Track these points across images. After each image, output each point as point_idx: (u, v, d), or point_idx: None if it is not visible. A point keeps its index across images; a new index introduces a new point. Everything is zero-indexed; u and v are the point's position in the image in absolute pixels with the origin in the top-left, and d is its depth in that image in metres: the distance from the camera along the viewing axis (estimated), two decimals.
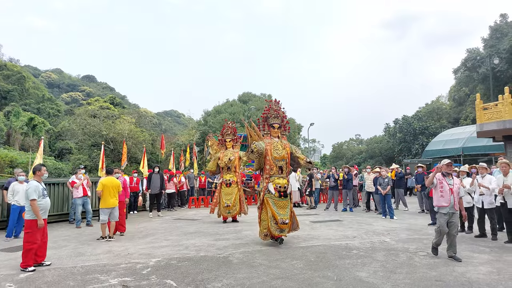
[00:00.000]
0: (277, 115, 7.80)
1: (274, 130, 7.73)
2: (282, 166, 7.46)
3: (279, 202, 7.21)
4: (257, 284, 4.90)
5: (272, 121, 7.76)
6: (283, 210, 7.17)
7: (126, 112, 40.91)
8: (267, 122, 7.85)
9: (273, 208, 7.15)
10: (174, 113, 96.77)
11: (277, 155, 7.43)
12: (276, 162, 7.41)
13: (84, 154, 30.88)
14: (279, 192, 7.21)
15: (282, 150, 7.50)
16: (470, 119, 32.20)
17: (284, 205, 7.23)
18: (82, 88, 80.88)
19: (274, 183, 7.27)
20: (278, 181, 7.28)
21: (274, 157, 7.40)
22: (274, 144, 7.54)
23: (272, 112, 7.81)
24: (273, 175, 7.41)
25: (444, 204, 6.13)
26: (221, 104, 44.32)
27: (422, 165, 13.16)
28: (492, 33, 33.60)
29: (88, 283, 5.00)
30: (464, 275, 5.18)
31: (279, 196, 7.20)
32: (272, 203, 7.20)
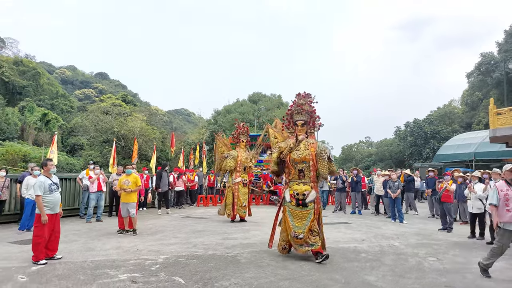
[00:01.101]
0: (301, 111, 6.79)
1: (298, 127, 6.77)
2: (303, 169, 6.44)
3: (296, 212, 6.27)
4: (264, 284, 4.91)
5: (296, 117, 6.83)
6: (300, 222, 6.18)
7: (137, 109, 41.34)
8: (292, 119, 6.95)
9: (288, 219, 6.33)
10: (184, 112, 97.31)
11: (296, 156, 6.46)
12: (295, 165, 6.48)
13: (95, 150, 31.25)
14: (296, 200, 6.26)
15: (304, 151, 6.45)
16: (483, 124, 31.70)
17: (302, 216, 6.20)
18: (95, 85, 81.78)
19: (292, 190, 6.39)
20: (297, 187, 6.34)
21: (293, 159, 6.48)
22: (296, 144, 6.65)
23: (294, 107, 6.87)
24: (292, 179, 6.54)
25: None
26: (231, 103, 44.51)
27: (434, 169, 13.02)
28: (507, 37, 33.06)
29: (97, 277, 5.07)
30: (474, 282, 5.12)
31: (296, 205, 6.26)
32: (289, 212, 6.36)
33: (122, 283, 4.86)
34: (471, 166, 24.65)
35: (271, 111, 40.80)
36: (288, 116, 6.99)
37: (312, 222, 6.19)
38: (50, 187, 6.03)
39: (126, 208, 8.40)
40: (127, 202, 8.44)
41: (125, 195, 8.44)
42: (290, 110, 6.92)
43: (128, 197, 8.47)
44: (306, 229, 6.09)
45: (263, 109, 39.86)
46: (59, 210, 6.21)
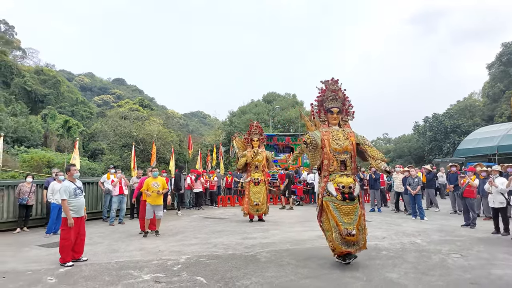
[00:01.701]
0: (336, 97, 6.22)
1: (333, 115, 6.15)
2: (345, 160, 5.88)
3: (343, 207, 5.62)
4: (285, 282, 4.94)
5: (330, 104, 6.20)
6: (348, 218, 5.57)
7: (154, 113, 41.96)
8: (323, 106, 6.30)
9: (335, 215, 5.60)
10: (200, 114, 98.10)
11: (338, 146, 5.89)
12: (336, 155, 5.88)
13: (115, 154, 31.91)
14: (342, 194, 5.65)
15: (344, 141, 5.94)
16: (506, 116, 30.78)
17: (350, 211, 5.61)
18: (112, 91, 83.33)
19: (335, 182, 5.75)
20: (341, 180, 5.74)
21: (334, 149, 5.88)
22: (334, 133, 6.01)
23: (329, 93, 6.23)
24: (333, 172, 5.88)
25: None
26: (246, 104, 44.57)
27: (456, 164, 12.74)
28: None
29: (122, 278, 5.21)
30: (501, 278, 5.01)
31: (342, 199, 5.64)
32: (334, 208, 5.65)
33: (146, 283, 4.98)
34: (494, 160, 23.96)
35: (286, 110, 40.69)
36: (318, 103, 6.36)
37: (360, 218, 5.70)
38: (75, 191, 6.22)
39: (152, 210, 8.54)
40: (155, 204, 8.55)
41: (154, 197, 8.53)
42: (321, 97, 6.30)
43: (157, 200, 8.59)
44: (356, 225, 5.57)
45: (278, 108, 39.78)
46: (84, 214, 6.39)
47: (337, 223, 5.54)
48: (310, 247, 7.14)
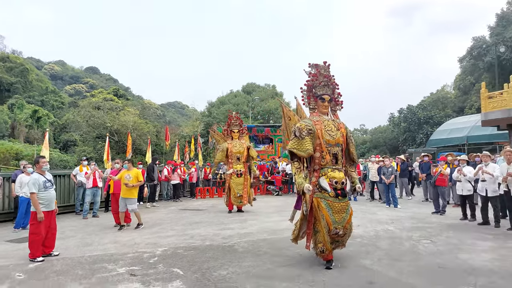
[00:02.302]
0: (328, 83, 5.55)
1: (324, 103, 5.48)
2: (337, 153, 5.32)
3: (336, 204, 5.12)
4: (262, 271, 4.98)
5: (321, 91, 5.52)
6: (339, 216, 5.12)
7: (130, 103, 41.01)
8: (312, 93, 5.60)
9: (327, 213, 5.07)
10: (178, 105, 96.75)
11: (330, 138, 5.29)
12: (329, 147, 5.27)
13: (89, 146, 31.07)
14: (335, 190, 5.13)
15: (336, 132, 5.36)
16: (475, 108, 31.95)
17: (342, 209, 5.14)
18: (85, 80, 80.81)
19: (328, 177, 5.19)
20: (333, 175, 5.18)
21: (327, 141, 5.26)
22: (325, 123, 5.37)
23: (321, 78, 5.52)
24: (325, 166, 5.27)
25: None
26: (225, 95, 44.32)
27: (428, 154, 13.14)
28: (499, 20, 33.15)
29: (96, 272, 5.10)
30: (467, 262, 5.23)
31: (335, 196, 5.12)
32: (326, 205, 5.09)
33: (120, 276, 4.90)
34: (463, 150, 24.89)
35: (265, 101, 40.73)
36: (308, 88, 5.63)
37: (350, 217, 5.27)
38: (45, 184, 5.99)
39: (124, 203, 8.28)
40: (127, 197, 8.28)
41: (126, 190, 8.27)
42: (311, 82, 5.56)
43: (129, 192, 8.30)
44: (345, 224, 5.16)
45: (257, 99, 39.75)
46: (55, 207, 6.19)
47: (329, 222, 5.05)
48: (287, 236, 7.15)
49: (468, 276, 4.64)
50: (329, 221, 5.06)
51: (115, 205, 8.66)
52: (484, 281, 4.44)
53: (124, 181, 8.34)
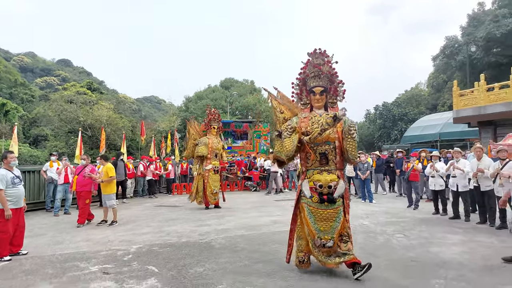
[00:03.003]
0: (319, 73, 4.83)
1: (315, 97, 4.85)
2: (326, 152, 4.66)
3: (320, 211, 4.52)
4: (239, 268, 4.95)
5: (312, 83, 4.87)
6: (326, 224, 4.49)
7: (104, 97, 39.88)
8: (305, 86, 5.01)
9: (309, 221, 4.57)
10: (154, 99, 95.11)
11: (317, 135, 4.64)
12: (315, 147, 4.68)
13: (60, 141, 30.07)
14: (319, 195, 4.53)
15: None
16: (447, 106, 32.97)
17: (328, 217, 4.50)
18: (57, 72, 78.09)
19: (312, 181, 4.64)
20: (318, 178, 4.58)
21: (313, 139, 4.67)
22: (314, 119, 4.79)
23: (311, 69, 4.86)
24: (310, 167, 4.73)
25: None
26: (203, 90, 43.92)
27: (402, 150, 13.46)
28: (470, 21, 34.22)
29: (67, 270, 4.94)
30: (438, 255, 5.38)
31: (319, 202, 4.53)
32: (309, 212, 4.59)
33: (93, 274, 4.76)
34: (436, 146, 25.68)
35: (243, 96, 40.62)
36: (299, 81, 5.05)
37: (343, 224, 4.63)
38: (13, 180, 5.75)
39: (104, 200, 8.47)
40: (104, 193, 8.49)
41: (102, 186, 8.46)
42: (303, 74, 4.97)
43: (104, 188, 8.40)
44: (336, 234, 4.52)
45: (235, 95, 39.61)
46: (23, 204, 5.95)
47: (311, 231, 4.54)
48: (265, 232, 7.22)
49: (439, 269, 4.77)
50: (311, 229, 4.52)
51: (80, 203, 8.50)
52: (454, 274, 4.58)
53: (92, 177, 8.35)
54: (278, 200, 12.43)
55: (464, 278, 4.40)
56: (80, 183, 8.47)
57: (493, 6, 33.45)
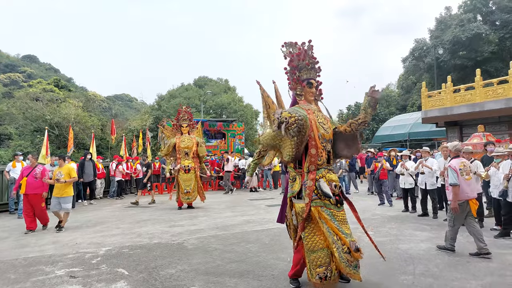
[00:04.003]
0: (314, 66, 4.51)
1: (311, 90, 4.48)
2: (330, 151, 4.37)
3: (337, 213, 4.10)
4: (212, 268, 4.90)
5: (307, 74, 4.48)
6: (346, 227, 4.08)
7: (72, 95, 38.42)
8: (297, 76, 4.52)
9: (333, 224, 3.95)
10: (125, 97, 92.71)
11: (325, 132, 4.28)
12: (324, 143, 4.25)
13: (26, 140, 28.74)
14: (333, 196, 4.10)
15: (327, 125, 4.41)
16: (416, 106, 34.07)
17: (343, 219, 4.15)
18: (22, 69, 74.77)
19: (327, 180, 4.15)
20: (331, 177, 4.20)
21: (322, 135, 4.23)
22: (316, 113, 4.38)
23: (308, 59, 4.44)
24: (321, 166, 4.21)
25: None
26: (176, 88, 43.28)
27: (372, 150, 13.78)
28: (438, 24, 35.50)
29: (31, 275, 4.73)
30: (406, 252, 5.53)
31: (335, 204, 4.13)
32: (330, 215, 4.01)
33: (59, 279, 4.58)
34: (406, 145, 26.50)
35: (218, 95, 40.36)
36: (293, 70, 4.53)
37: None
38: None
39: (57, 202, 7.71)
40: (60, 196, 7.72)
41: (59, 188, 7.73)
42: (296, 62, 4.48)
43: (62, 191, 7.74)
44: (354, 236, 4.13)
45: (209, 93, 39.27)
46: None
47: (340, 236, 3.91)
48: (238, 232, 7.19)
49: (407, 265, 4.90)
50: (340, 234, 3.90)
51: (27, 207, 7.72)
52: (421, 269, 4.72)
53: (54, 178, 7.77)
54: (252, 200, 12.43)
55: (431, 273, 4.54)
56: (31, 186, 7.67)
57: (459, 10, 34.85)
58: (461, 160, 5.65)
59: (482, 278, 4.34)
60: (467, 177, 5.48)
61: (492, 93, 16.27)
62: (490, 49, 30.67)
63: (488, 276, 4.42)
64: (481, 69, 18.85)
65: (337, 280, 4.02)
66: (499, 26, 31.77)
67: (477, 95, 16.70)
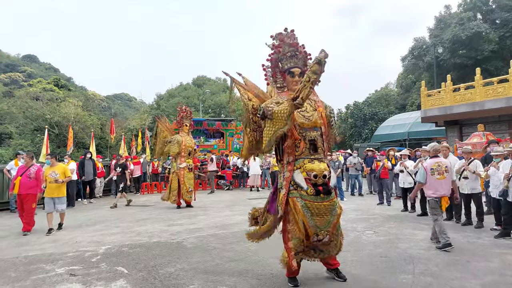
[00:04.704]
0: (296, 53, 4.44)
1: (294, 79, 4.38)
2: (315, 139, 4.24)
3: (316, 204, 4.02)
4: (210, 267, 4.91)
5: (288, 63, 4.43)
6: (322, 219, 4.04)
7: (72, 95, 38.43)
8: (279, 68, 4.55)
9: (304, 216, 4.01)
10: (125, 97, 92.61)
11: (305, 120, 4.23)
12: (304, 132, 4.22)
13: (26, 139, 28.76)
14: (315, 186, 4.04)
15: (312, 113, 4.30)
16: (416, 105, 34.02)
17: (325, 210, 4.06)
18: (22, 68, 74.74)
19: (304, 170, 4.12)
20: (312, 167, 4.11)
21: (301, 124, 4.21)
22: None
23: (286, 48, 4.43)
24: (300, 156, 4.21)
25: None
26: (175, 87, 43.33)
27: (372, 149, 13.78)
28: (437, 23, 35.45)
29: (32, 273, 4.76)
30: (406, 251, 5.54)
31: (315, 194, 4.02)
32: (304, 206, 4.01)
33: (59, 277, 4.60)
34: (405, 145, 26.46)
35: (216, 95, 40.37)
36: (272, 63, 4.57)
37: (338, 219, 4.31)
38: None
39: (52, 203, 7.49)
40: (55, 196, 7.49)
41: (54, 188, 7.45)
42: (275, 54, 4.51)
43: (58, 191, 7.51)
44: (332, 228, 4.16)
45: (208, 92, 39.30)
46: None
47: (308, 227, 4.01)
48: (237, 231, 7.19)
49: (407, 264, 4.91)
50: (308, 225, 4.00)
51: (20, 208, 7.58)
52: (421, 268, 4.73)
53: (49, 179, 7.47)
54: (251, 199, 12.43)
55: (431, 273, 4.55)
56: (24, 186, 7.43)
57: (458, 9, 34.79)
58: (436, 160, 5.89)
59: (482, 278, 4.35)
60: (438, 176, 5.73)
61: (492, 92, 16.26)
62: (490, 47, 30.61)
63: (488, 275, 4.43)
64: (481, 68, 18.82)
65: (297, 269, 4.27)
66: (499, 24, 31.72)
67: (477, 94, 16.69)
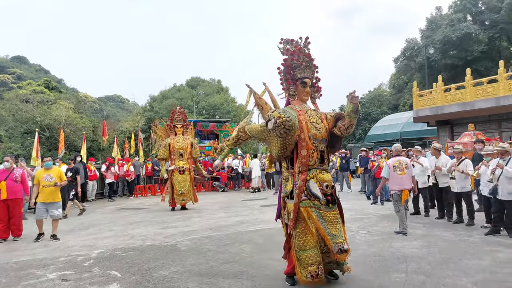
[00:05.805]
0: (309, 64, 4.51)
1: (305, 89, 4.47)
2: (323, 151, 4.35)
3: (328, 213, 4.08)
4: (205, 269, 4.88)
5: (302, 73, 4.45)
6: (335, 227, 4.06)
7: (63, 97, 38.00)
8: (291, 75, 4.49)
9: (320, 225, 4.01)
10: (117, 98, 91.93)
11: (317, 132, 4.27)
12: (316, 143, 4.25)
13: (16, 142, 28.34)
14: (325, 196, 4.13)
15: (321, 125, 4.36)
16: (408, 105, 34.30)
17: (334, 219, 4.12)
18: (11, 70, 73.77)
19: (318, 180, 4.17)
20: (323, 177, 4.20)
21: (314, 135, 4.24)
22: (309, 113, 4.40)
23: (302, 57, 4.43)
24: (313, 166, 4.23)
25: None
26: (168, 89, 43.12)
27: (366, 149, 13.85)
28: (428, 24, 35.80)
29: (22, 279, 4.68)
30: (400, 250, 5.57)
31: (326, 204, 4.12)
32: (319, 216, 4.04)
33: (51, 282, 4.54)
34: None
35: (210, 96, 40.27)
36: (286, 69, 4.50)
37: (343, 226, 4.33)
38: None
39: (44, 209, 7.00)
40: (49, 201, 7.00)
41: (48, 194, 7.00)
42: (290, 61, 4.44)
43: (52, 196, 7.05)
44: (344, 236, 4.18)
45: (202, 94, 39.17)
46: None
47: (325, 237, 3.98)
48: (232, 233, 7.18)
49: (400, 263, 4.93)
50: (325, 236, 3.97)
51: (3, 214, 7.04)
52: (413, 266, 4.75)
53: (44, 183, 7.01)
54: (246, 200, 12.42)
55: (424, 271, 4.57)
56: (11, 190, 7.05)
57: (449, 10, 35.18)
58: (397, 159, 6.88)
59: (474, 275, 4.38)
60: (399, 172, 6.73)
61: (482, 92, 16.45)
62: (480, 48, 31.01)
63: (479, 273, 4.46)
64: (471, 68, 19.05)
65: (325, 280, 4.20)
66: (488, 26, 32.14)
67: (468, 94, 16.88)
